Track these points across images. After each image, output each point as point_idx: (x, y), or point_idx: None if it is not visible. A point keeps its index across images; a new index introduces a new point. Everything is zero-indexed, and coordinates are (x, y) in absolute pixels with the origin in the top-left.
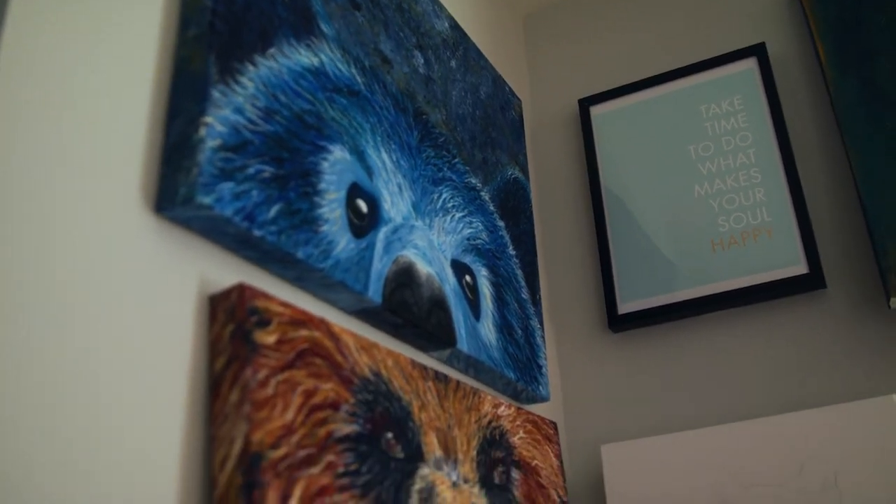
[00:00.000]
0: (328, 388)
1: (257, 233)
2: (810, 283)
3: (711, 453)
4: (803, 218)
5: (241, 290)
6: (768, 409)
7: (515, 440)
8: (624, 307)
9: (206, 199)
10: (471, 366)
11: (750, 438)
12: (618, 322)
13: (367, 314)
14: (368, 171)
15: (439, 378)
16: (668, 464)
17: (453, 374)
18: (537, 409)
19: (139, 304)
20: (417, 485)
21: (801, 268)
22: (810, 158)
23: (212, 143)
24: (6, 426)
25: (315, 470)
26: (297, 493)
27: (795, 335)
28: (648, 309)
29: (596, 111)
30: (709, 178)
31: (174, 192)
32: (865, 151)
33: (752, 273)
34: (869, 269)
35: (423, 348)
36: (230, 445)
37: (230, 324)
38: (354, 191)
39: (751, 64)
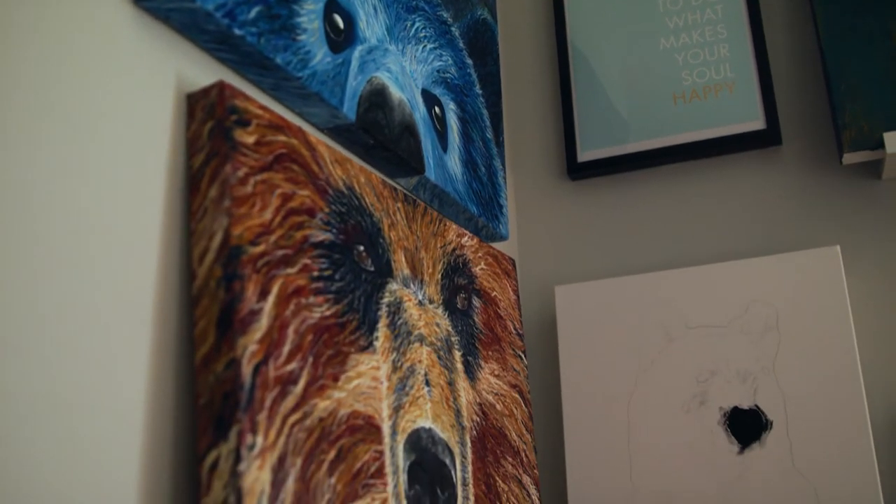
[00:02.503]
0: (304, 195)
1: (238, 31)
2: (767, 138)
3: (660, 296)
4: (765, 75)
5: (220, 88)
6: (718, 257)
7: (477, 270)
8: (583, 155)
9: None
10: (436, 196)
11: (697, 283)
12: (577, 170)
13: (340, 131)
14: None
15: (408, 201)
16: (618, 305)
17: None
18: (496, 247)
19: (114, 97)
20: (386, 298)
21: (758, 123)
22: (776, 15)
23: None
24: None
25: (292, 270)
26: (275, 290)
27: (749, 189)
28: (607, 158)
29: None
30: (675, 31)
31: None
32: (831, 9)
33: (710, 127)
34: (824, 128)
35: (392, 174)
36: (210, 239)
37: (209, 121)
38: (332, 5)
39: None
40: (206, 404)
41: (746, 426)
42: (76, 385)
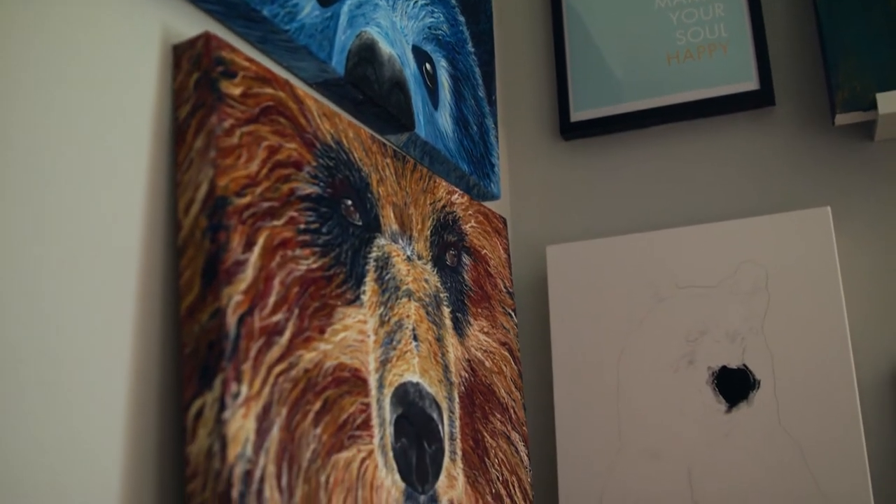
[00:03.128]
0: (291, 148)
1: None
2: (760, 99)
3: (650, 256)
4: (759, 35)
5: (207, 39)
6: (710, 218)
7: (467, 228)
8: (577, 115)
9: None
10: (427, 154)
11: (688, 243)
12: (570, 129)
13: (328, 86)
14: None
15: (397, 157)
16: (609, 265)
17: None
18: (488, 206)
19: (100, 49)
20: (374, 253)
21: (752, 84)
22: None
23: None
24: None
25: (278, 222)
26: (261, 241)
27: (741, 149)
28: (600, 118)
29: None
30: None
31: None
32: None
33: (704, 87)
34: (818, 89)
35: (382, 130)
36: (195, 190)
37: (195, 72)
38: None
39: None
40: (192, 353)
41: (734, 385)
42: (63, 336)
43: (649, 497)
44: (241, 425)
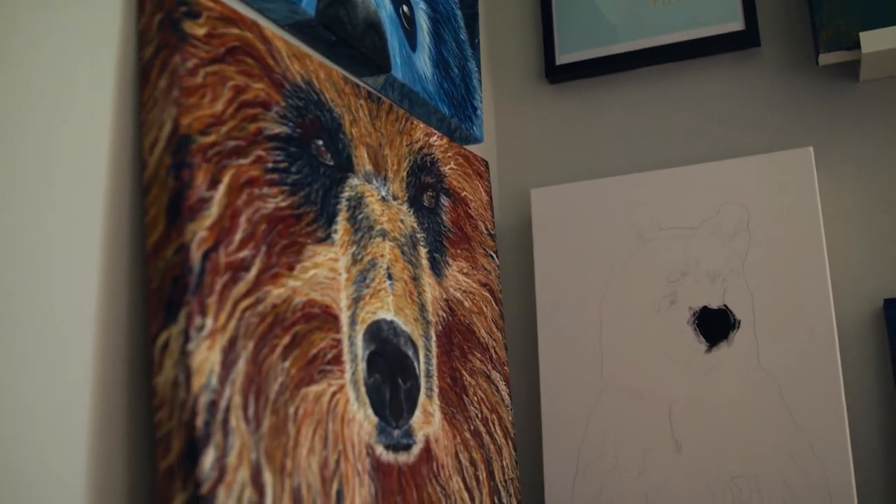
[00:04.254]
0: (259, 88)
1: None
2: (745, 40)
3: (634, 198)
4: None
5: None
6: (695, 159)
7: (446, 170)
8: (562, 58)
9: None
10: (405, 96)
11: (671, 185)
12: (555, 73)
13: (300, 28)
14: None
15: (372, 98)
16: (593, 207)
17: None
18: (471, 149)
19: None
20: (347, 193)
21: (737, 24)
22: None
23: None
24: None
25: (244, 161)
26: (226, 179)
27: (726, 91)
28: (586, 60)
29: None
30: None
31: None
32: None
33: (689, 28)
34: (803, 30)
35: (358, 73)
36: (159, 129)
37: (158, 13)
38: None
39: None
40: (157, 288)
41: (715, 325)
42: (32, 273)
43: (630, 434)
44: (206, 357)
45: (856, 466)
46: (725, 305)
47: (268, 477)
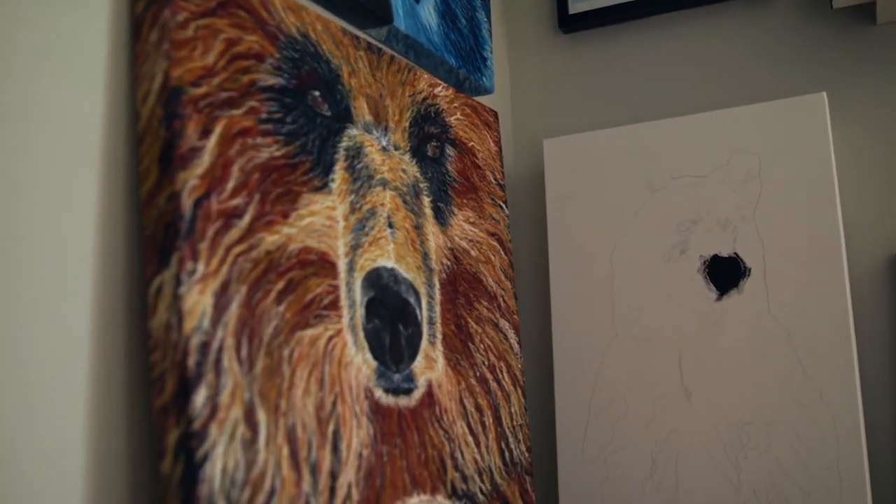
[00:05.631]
0: (252, 41)
1: None
2: None
3: (645, 147)
4: None
5: None
6: (708, 107)
7: (452, 120)
8: (574, 7)
9: None
10: (411, 48)
11: (683, 133)
12: (568, 22)
13: None
14: None
15: (372, 49)
16: (605, 157)
17: (399, 56)
18: (482, 101)
19: None
20: (345, 143)
21: None
22: None
23: None
24: None
25: (237, 112)
26: (218, 129)
27: (740, 37)
28: (599, 9)
29: None
30: None
31: None
32: None
33: None
34: None
35: (361, 25)
36: (151, 81)
37: None
38: None
39: None
40: (151, 235)
41: (725, 273)
42: (29, 224)
43: (641, 382)
44: (198, 300)
45: (865, 414)
46: (736, 254)
47: (261, 416)
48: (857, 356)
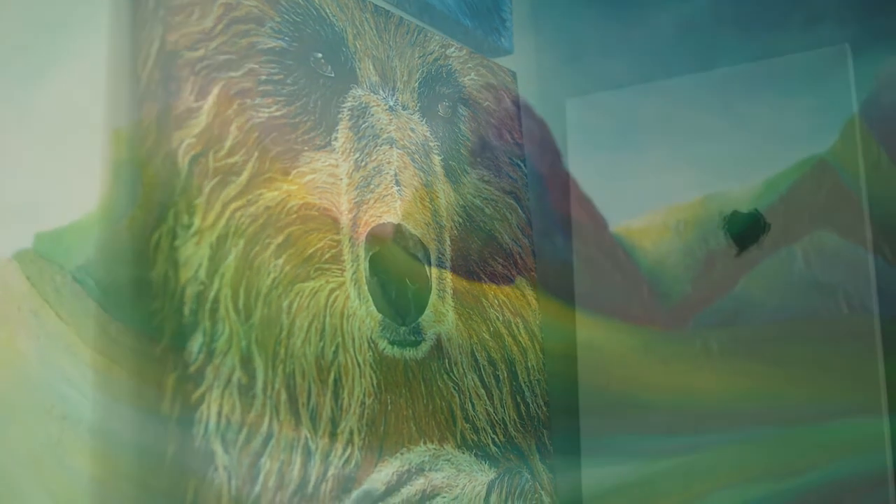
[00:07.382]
0: (251, 5)
1: None
2: None
3: (668, 106)
4: None
5: None
6: (730, 62)
7: (465, 80)
8: None
9: None
10: (424, 10)
11: (705, 90)
12: None
13: None
14: None
15: (378, 12)
16: (627, 116)
17: (410, 19)
18: (501, 62)
19: None
20: (349, 103)
21: None
22: None
23: None
24: None
25: (235, 74)
26: (216, 90)
27: None
28: None
29: None
30: None
31: None
32: None
33: None
34: None
35: None
36: (150, 46)
37: None
38: None
39: None
40: (150, 192)
41: (746, 230)
42: (29, 202)
43: None
44: (194, 252)
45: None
46: (756, 209)
47: (259, 362)
48: (879, 316)
